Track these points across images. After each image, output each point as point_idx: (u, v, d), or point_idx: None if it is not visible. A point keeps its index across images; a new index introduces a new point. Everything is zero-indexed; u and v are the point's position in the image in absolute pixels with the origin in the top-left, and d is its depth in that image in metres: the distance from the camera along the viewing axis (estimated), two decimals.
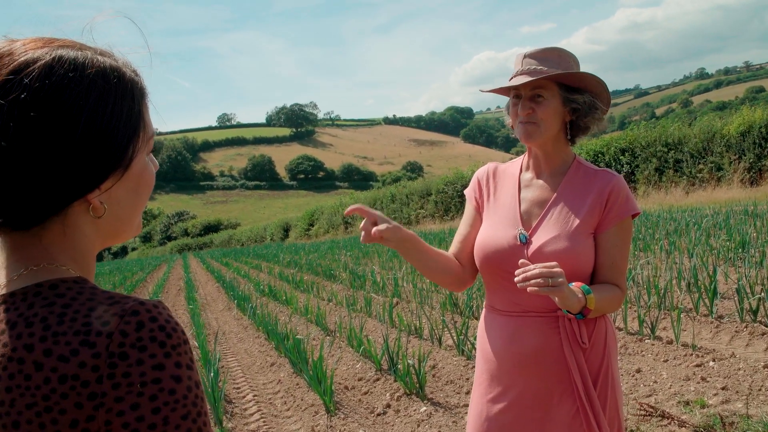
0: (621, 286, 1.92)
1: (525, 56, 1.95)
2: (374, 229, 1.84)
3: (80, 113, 0.80)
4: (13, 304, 0.81)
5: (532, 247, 1.91)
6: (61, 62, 0.82)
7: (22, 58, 0.81)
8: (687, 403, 4.02)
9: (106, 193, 0.87)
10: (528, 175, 2.07)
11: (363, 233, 1.88)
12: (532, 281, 1.68)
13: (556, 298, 1.70)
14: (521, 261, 1.77)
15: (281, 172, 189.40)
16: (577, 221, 1.90)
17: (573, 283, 1.81)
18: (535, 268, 1.69)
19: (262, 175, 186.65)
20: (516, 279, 1.71)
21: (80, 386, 0.74)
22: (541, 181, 2.03)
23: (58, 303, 0.80)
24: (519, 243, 1.94)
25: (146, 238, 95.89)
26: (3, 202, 0.80)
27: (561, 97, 1.91)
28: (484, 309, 2.14)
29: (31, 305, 0.80)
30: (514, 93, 1.97)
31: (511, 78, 1.96)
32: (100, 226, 0.90)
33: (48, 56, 0.81)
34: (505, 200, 2.07)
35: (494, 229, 2.03)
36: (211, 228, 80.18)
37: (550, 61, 1.91)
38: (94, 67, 0.84)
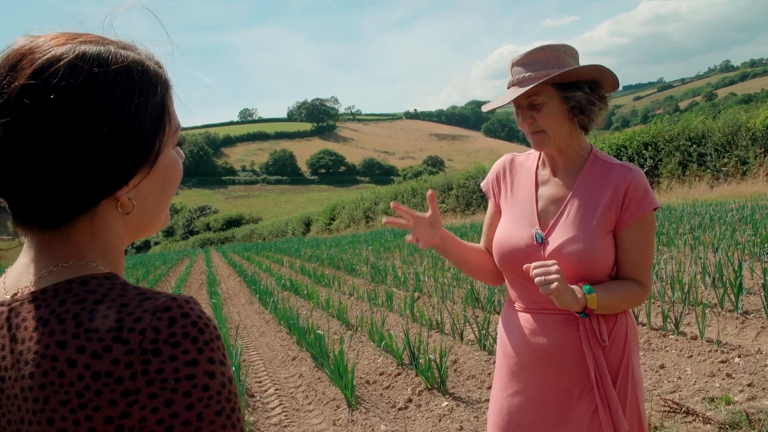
0: (643, 282, 1.88)
1: (513, 65, 1.89)
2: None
3: (106, 111, 0.79)
4: (44, 301, 0.80)
5: (549, 248, 1.88)
6: (84, 59, 0.80)
7: (46, 56, 0.80)
8: (712, 399, 3.97)
9: (134, 189, 0.86)
10: (545, 172, 2.03)
11: (417, 237, 2.01)
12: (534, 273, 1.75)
13: (553, 297, 1.72)
14: (525, 266, 1.80)
15: (302, 166, 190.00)
16: (594, 220, 1.86)
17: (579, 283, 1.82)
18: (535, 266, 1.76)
19: (284, 170, 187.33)
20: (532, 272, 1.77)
21: (114, 383, 0.74)
22: (557, 178, 1.99)
23: (89, 299, 0.79)
24: (535, 243, 1.91)
25: (169, 233, 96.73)
26: (32, 202, 0.80)
27: (560, 97, 1.84)
28: (504, 304, 2.12)
29: (63, 302, 0.79)
30: (516, 103, 1.91)
31: (508, 87, 1.92)
32: (129, 222, 0.90)
33: (71, 53, 0.80)
34: (522, 197, 2.04)
35: (511, 227, 2.00)
36: (233, 222, 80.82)
37: (537, 63, 1.84)
38: (118, 62, 0.83)
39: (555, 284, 1.69)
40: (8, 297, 0.84)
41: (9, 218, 0.83)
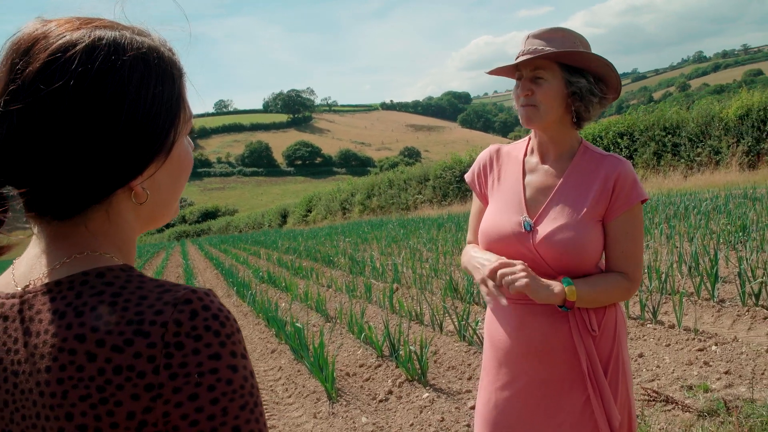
0: (630, 274, 1.89)
1: (529, 36, 1.91)
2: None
3: (123, 98, 0.77)
4: (60, 293, 0.78)
5: (538, 236, 1.88)
6: (101, 45, 0.78)
7: (60, 41, 0.77)
8: (690, 387, 4.01)
9: (149, 179, 0.84)
10: (533, 160, 2.02)
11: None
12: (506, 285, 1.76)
13: (528, 294, 1.74)
14: (489, 273, 1.81)
15: (279, 158, 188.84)
16: (583, 209, 1.86)
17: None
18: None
19: (260, 162, 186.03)
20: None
21: (136, 377, 0.72)
22: (546, 166, 1.98)
23: (107, 292, 0.77)
24: (523, 230, 1.91)
25: None
26: (46, 191, 0.78)
27: (563, 79, 1.86)
28: None
29: (80, 294, 0.77)
30: (518, 75, 1.93)
31: (517, 57, 1.93)
32: (141, 212, 0.88)
33: (87, 38, 0.78)
34: (509, 185, 2.03)
35: (498, 215, 1.99)
36: (209, 215, 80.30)
37: (554, 41, 1.86)
38: (134, 48, 0.80)
39: (524, 281, 1.71)
40: (19, 289, 0.81)
41: (8, 209, 0.80)
